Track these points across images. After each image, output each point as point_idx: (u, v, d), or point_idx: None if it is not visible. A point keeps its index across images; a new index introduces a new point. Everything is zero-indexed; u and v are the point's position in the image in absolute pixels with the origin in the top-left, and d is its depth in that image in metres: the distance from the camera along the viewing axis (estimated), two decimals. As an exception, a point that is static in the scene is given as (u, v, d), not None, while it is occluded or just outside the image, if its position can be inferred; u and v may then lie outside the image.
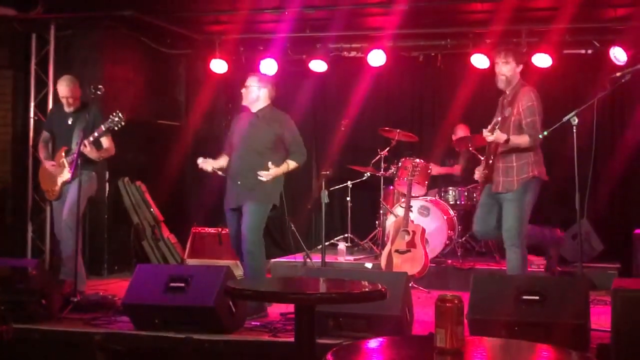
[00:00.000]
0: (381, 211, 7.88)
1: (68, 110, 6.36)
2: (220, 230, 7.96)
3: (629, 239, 7.24)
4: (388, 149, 8.04)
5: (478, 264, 7.39)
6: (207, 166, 5.76)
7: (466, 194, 7.80)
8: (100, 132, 6.05)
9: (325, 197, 6.66)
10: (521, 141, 5.30)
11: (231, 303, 4.92)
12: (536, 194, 5.44)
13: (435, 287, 6.77)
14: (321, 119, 9.36)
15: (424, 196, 7.76)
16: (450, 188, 7.92)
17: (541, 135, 5.29)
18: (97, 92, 5.94)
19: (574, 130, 5.23)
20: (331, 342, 3.91)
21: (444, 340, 2.51)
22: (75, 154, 5.98)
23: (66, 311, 5.40)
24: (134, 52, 8.51)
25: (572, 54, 8.11)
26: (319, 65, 8.56)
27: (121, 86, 8.19)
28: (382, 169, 8.02)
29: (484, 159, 5.69)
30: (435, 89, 9.05)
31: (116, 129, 6.02)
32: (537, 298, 4.52)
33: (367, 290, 3.67)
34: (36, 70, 8.05)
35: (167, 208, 8.52)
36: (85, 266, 6.47)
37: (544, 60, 7.76)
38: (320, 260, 6.80)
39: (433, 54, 8.51)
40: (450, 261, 7.36)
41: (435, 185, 8.17)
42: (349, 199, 8.47)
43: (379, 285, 3.57)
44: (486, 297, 4.63)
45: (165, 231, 8.35)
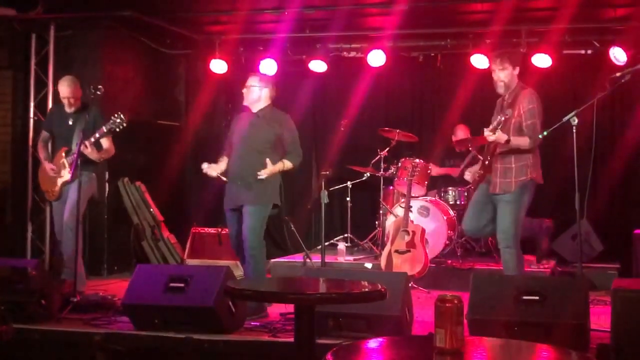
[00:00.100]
0: (381, 211, 7.87)
1: (69, 110, 6.36)
2: (220, 230, 7.96)
3: (629, 239, 7.24)
4: (388, 149, 8.03)
5: (478, 264, 7.38)
6: (211, 172, 5.72)
7: (466, 194, 7.78)
8: (101, 133, 6.04)
9: (325, 197, 6.65)
10: (521, 142, 5.30)
11: (231, 303, 4.92)
12: (531, 197, 5.45)
13: (435, 287, 6.76)
14: (321, 119, 9.35)
15: (423, 196, 7.76)
16: (450, 188, 7.92)
17: (541, 136, 5.29)
18: (97, 92, 5.93)
19: (574, 131, 5.23)
20: (331, 342, 3.91)
21: (443, 340, 2.50)
22: (76, 154, 5.97)
23: (66, 311, 5.39)
24: (134, 52, 8.50)
25: (572, 54, 8.10)
26: (318, 66, 8.56)
27: (121, 86, 8.19)
28: (382, 169, 8.02)
29: (481, 159, 5.69)
30: (435, 89, 9.05)
31: (117, 130, 6.02)
32: (537, 298, 4.51)
33: (366, 290, 3.67)
34: (36, 70, 8.03)
35: (167, 208, 8.52)
36: (85, 266, 6.47)
37: (544, 60, 7.76)
38: (320, 261, 6.79)
39: (433, 54, 8.51)
40: (450, 261, 7.35)
41: (435, 186, 8.16)
42: (348, 199, 8.47)
43: (379, 286, 3.56)
44: (486, 297, 4.62)
45: (165, 231, 8.34)
